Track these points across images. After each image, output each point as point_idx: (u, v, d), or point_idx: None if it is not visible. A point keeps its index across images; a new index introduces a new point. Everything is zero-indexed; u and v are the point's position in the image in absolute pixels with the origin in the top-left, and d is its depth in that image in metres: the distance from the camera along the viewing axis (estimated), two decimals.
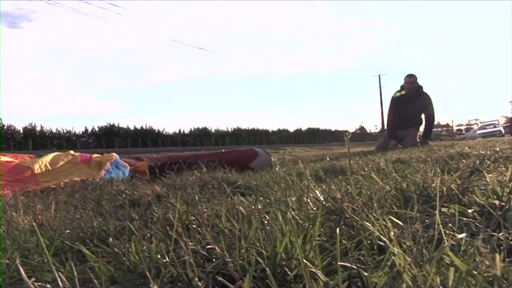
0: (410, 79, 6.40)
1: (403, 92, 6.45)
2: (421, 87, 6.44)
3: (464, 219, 0.80)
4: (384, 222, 0.72)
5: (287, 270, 0.63)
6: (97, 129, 27.20)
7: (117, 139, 26.76)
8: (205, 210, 1.03)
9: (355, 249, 0.72)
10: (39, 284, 0.63)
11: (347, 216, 0.85)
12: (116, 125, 28.03)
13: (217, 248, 0.68)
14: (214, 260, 0.68)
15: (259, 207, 1.04)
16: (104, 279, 0.64)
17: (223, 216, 0.87)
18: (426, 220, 0.83)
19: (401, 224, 0.76)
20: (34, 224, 0.72)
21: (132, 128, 28.76)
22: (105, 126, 27.51)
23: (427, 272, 0.53)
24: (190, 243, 0.72)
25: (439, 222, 0.66)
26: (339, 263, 0.56)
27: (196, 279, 0.62)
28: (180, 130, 31.42)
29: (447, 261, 0.55)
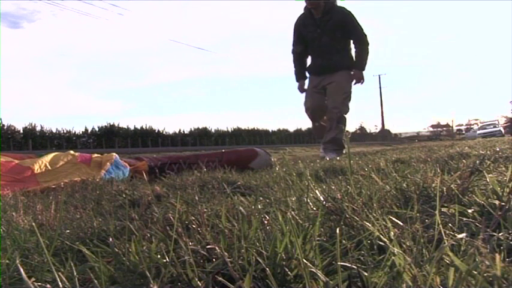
0: None
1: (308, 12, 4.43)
2: (334, 0, 4.44)
3: (464, 219, 0.80)
4: (384, 222, 0.72)
5: (287, 270, 0.63)
6: (97, 129, 27.19)
7: (117, 139, 26.74)
8: (205, 210, 1.03)
9: (355, 249, 0.72)
10: (39, 284, 0.63)
11: (347, 216, 0.85)
12: (116, 125, 28.02)
13: (217, 248, 0.68)
14: (214, 260, 0.68)
15: (259, 207, 1.04)
16: (104, 279, 0.64)
17: (223, 216, 0.86)
18: (426, 220, 0.83)
19: (401, 224, 0.76)
20: (34, 224, 0.72)
21: (132, 128, 28.75)
22: (105, 126, 27.50)
23: (427, 272, 0.53)
24: (190, 243, 0.72)
25: (439, 222, 0.66)
26: (339, 263, 0.56)
27: (196, 279, 0.62)
28: (180, 130, 31.39)
29: (447, 261, 0.55)
